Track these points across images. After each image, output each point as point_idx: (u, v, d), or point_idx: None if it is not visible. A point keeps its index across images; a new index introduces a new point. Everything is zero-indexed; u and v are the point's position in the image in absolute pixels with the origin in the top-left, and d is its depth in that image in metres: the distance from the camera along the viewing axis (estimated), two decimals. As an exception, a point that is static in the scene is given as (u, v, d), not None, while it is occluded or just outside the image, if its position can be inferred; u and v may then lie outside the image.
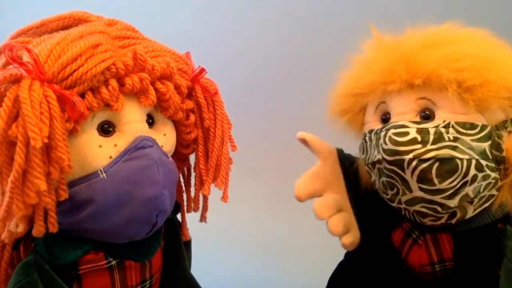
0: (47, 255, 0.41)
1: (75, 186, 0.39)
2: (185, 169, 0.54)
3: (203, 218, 0.53)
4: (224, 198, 0.48)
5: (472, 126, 0.45)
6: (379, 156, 0.46)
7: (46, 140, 0.34)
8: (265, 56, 1.10)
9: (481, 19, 0.47)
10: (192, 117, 0.48)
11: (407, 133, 0.45)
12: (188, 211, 0.54)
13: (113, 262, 0.43)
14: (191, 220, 0.55)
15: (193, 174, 0.52)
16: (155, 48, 0.45)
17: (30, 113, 0.33)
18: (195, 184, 0.51)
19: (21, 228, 0.37)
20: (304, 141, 0.58)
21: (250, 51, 1.12)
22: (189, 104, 0.47)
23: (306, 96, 0.87)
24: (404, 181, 0.45)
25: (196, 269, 0.56)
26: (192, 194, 0.53)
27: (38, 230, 0.37)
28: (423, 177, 0.44)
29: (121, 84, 0.40)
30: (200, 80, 0.47)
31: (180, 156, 0.50)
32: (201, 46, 0.71)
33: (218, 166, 0.48)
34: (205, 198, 0.52)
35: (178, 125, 0.48)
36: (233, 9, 1.14)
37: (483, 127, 0.45)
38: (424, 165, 0.43)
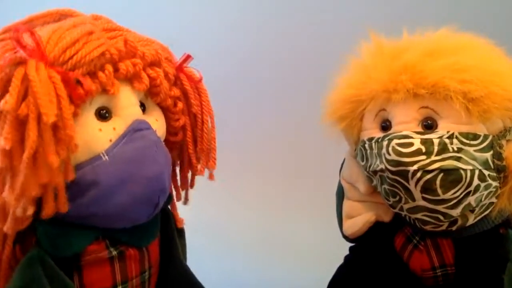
0: (51, 248, 0.41)
1: (78, 170, 0.40)
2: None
3: (186, 201, 0.56)
4: (211, 177, 0.51)
5: (475, 136, 0.45)
6: (382, 166, 0.46)
7: (56, 118, 0.35)
8: (278, 57, 1.07)
9: (478, 24, 0.48)
10: (180, 104, 0.50)
11: (411, 144, 0.44)
12: (177, 199, 0.56)
13: (114, 253, 0.44)
14: (192, 220, 0.57)
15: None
16: (141, 38, 0.47)
17: (40, 90, 0.34)
18: (184, 168, 0.53)
19: (30, 211, 0.37)
20: None
21: (260, 52, 1.08)
22: (176, 91, 0.49)
23: (307, 97, 0.81)
24: (408, 191, 0.45)
25: (197, 269, 0.56)
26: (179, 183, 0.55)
27: (49, 210, 0.37)
28: (427, 188, 0.44)
29: (115, 69, 0.42)
30: (184, 69, 0.50)
31: (169, 144, 0.52)
32: (203, 48, 0.70)
33: (211, 150, 0.51)
34: (193, 179, 0.55)
35: (166, 113, 0.49)
36: (233, 12, 1.11)
37: (485, 137, 0.45)
38: (429, 176, 0.43)
